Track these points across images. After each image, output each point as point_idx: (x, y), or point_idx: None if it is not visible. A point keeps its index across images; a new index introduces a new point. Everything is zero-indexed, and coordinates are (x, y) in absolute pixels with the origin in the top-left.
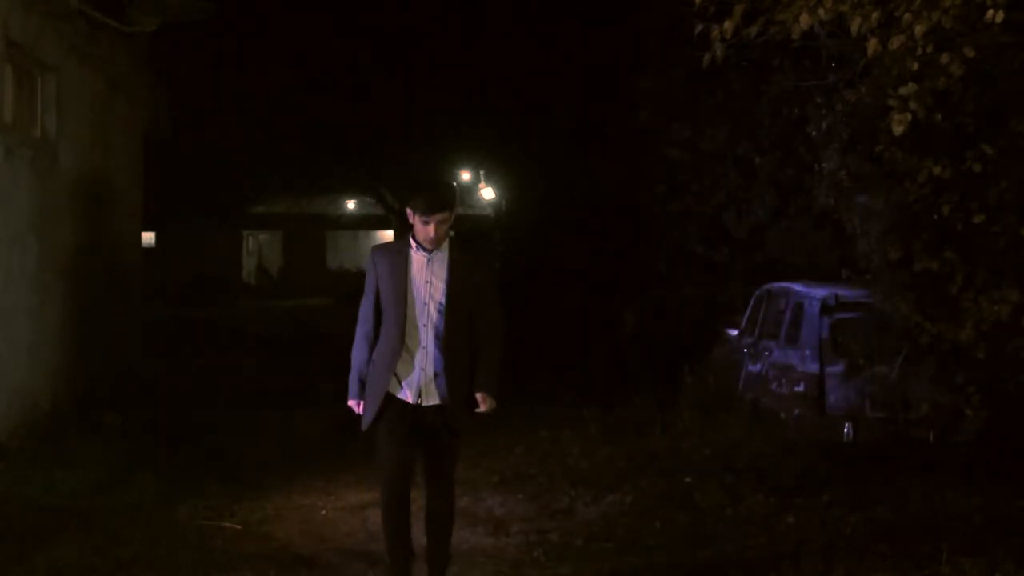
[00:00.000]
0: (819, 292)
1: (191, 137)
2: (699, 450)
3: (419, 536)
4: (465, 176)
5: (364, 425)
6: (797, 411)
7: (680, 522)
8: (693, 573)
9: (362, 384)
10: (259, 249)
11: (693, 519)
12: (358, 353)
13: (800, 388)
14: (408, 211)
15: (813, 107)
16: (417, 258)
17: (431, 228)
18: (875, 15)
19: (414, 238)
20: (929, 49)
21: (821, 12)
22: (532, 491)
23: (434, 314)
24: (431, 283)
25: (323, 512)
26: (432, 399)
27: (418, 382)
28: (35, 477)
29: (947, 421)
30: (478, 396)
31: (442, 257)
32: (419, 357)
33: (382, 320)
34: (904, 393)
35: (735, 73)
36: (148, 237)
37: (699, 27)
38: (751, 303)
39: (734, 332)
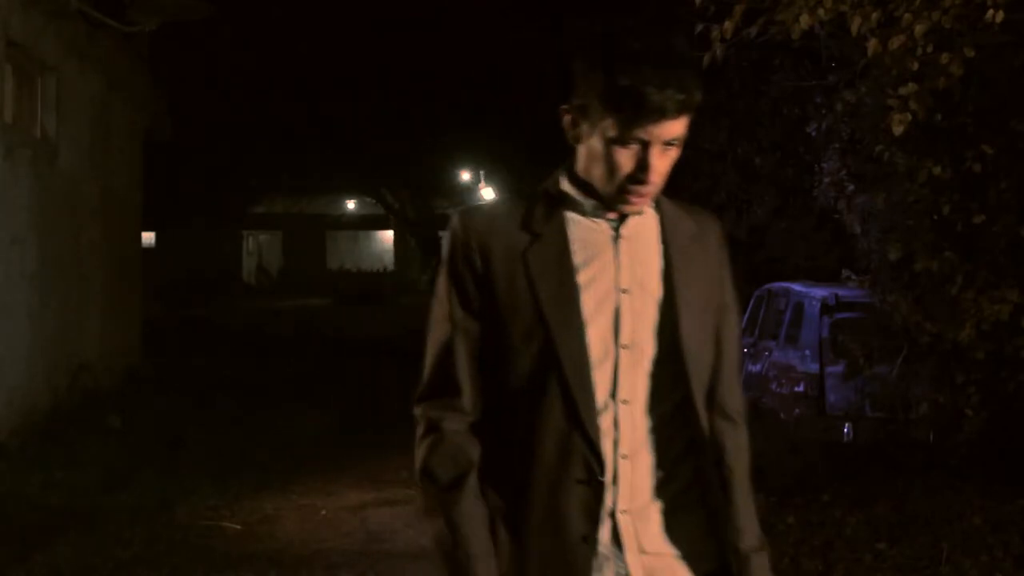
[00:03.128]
0: (819, 292)
1: (191, 137)
2: None
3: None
4: (465, 176)
5: None
6: (797, 411)
7: None
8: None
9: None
10: (259, 249)
11: None
12: (450, 470)
13: (800, 388)
14: (566, 115)
15: (813, 107)
16: (591, 233)
17: (650, 154)
18: (875, 15)
19: (575, 182)
20: (929, 49)
21: (821, 12)
22: None
23: (645, 373)
24: (631, 293)
25: (323, 512)
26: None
27: (612, 536)
28: (35, 477)
29: (947, 421)
30: None
31: (648, 230)
32: (619, 479)
33: (501, 395)
34: (904, 393)
35: (735, 73)
36: (148, 237)
37: (699, 27)
38: (751, 303)
39: None
